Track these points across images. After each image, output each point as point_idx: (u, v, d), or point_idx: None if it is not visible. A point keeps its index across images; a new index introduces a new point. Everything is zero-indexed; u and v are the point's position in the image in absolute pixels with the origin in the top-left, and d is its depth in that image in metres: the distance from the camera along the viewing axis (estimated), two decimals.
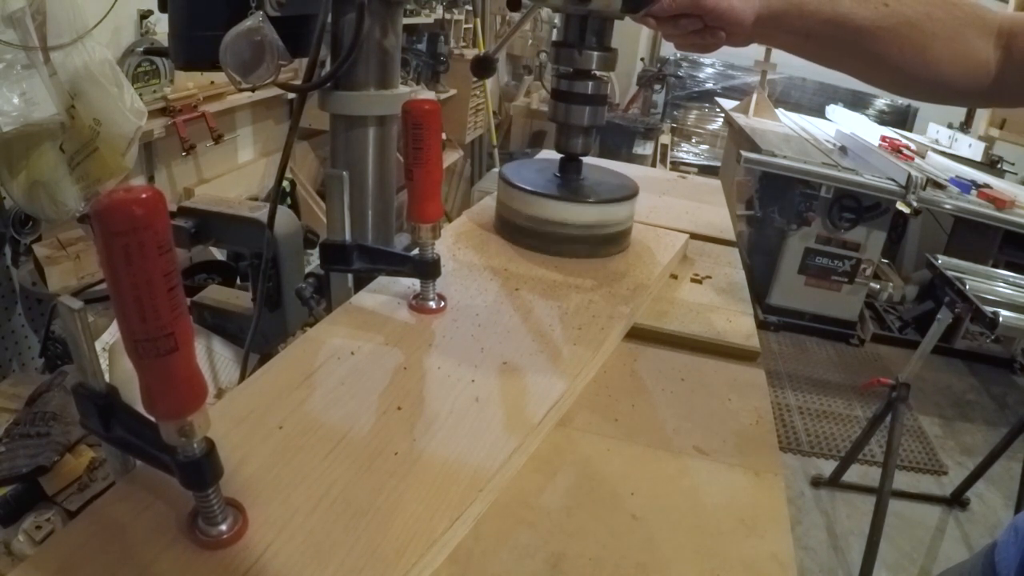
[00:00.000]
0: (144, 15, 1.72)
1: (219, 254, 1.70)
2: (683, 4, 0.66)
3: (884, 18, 0.64)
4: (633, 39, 5.35)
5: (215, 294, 1.09)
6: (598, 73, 0.83)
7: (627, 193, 0.88)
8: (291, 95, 2.31)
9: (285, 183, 2.26)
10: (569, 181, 0.88)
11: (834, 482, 2.33)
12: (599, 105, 0.84)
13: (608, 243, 0.87)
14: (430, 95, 2.97)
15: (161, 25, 1.74)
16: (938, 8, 0.65)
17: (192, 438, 0.36)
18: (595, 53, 0.80)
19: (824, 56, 0.70)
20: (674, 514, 0.49)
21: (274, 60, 0.74)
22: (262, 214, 0.93)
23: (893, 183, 2.85)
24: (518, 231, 0.87)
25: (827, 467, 2.40)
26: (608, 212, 0.85)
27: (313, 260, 0.91)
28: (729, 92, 5.41)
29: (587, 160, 0.90)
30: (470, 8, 3.55)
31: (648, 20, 0.69)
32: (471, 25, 3.60)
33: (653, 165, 4.11)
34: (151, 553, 0.38)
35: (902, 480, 2.35)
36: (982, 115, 3.96)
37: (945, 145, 4.05)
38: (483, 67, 0.89)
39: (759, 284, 3.36)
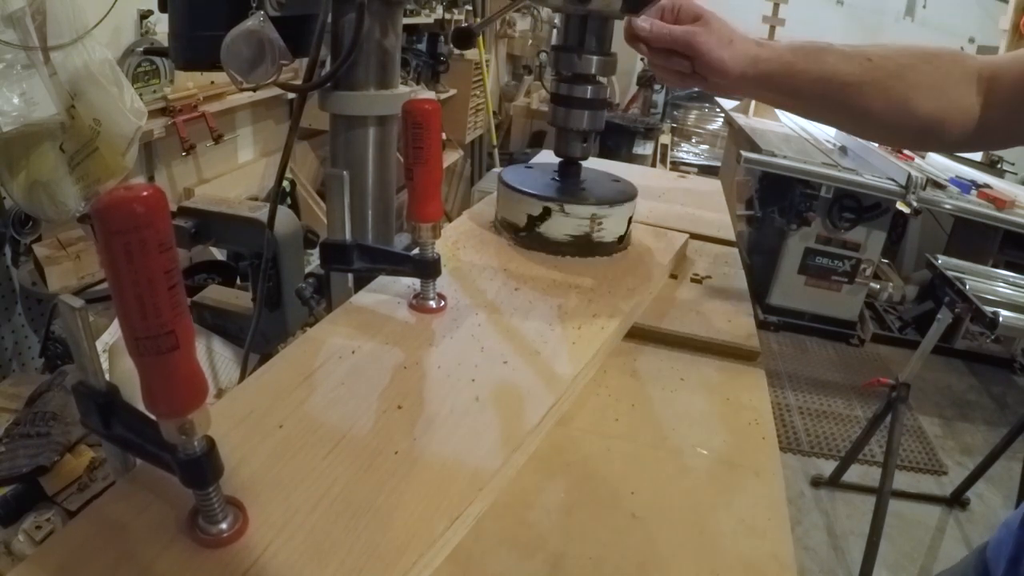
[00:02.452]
0: (144, 15, 1.72)
1: (219, 254, 1.70)
2: (679, 39, 0.67)
3: (868, 72, 0.65)
4: None
5: (215, 294, 1.09)
6: (598, 77, 0.83)
7: (626, 196, 0.88)
8: (291, 95, 2.31)
9: (285, 183, 2.26)
10: (568, 185, 0.88)
11: (834, 482, 2.33)
12: (598, 110, 0.84)
13: (607, 245, 0.87)
14: (430, 95, 2.97)
15: (161, 25, 1.74)
16: (919, 59, 0.65)
17: (193, 436, 0.36)
18: (595, 57, 0.80)
19: (810, 112, 0.71)
20: (674, 514, 0.49)
21: (275, 60, 0.74)
22: (262, 214, 0.93)
23: (893, 183, 2.85)
24: (518, 232, 0.87)
25: (827, 467, 2.40)
26: (607, 215, 0.85)
27: (313, 260, 0.91)
28: None
29: (585, 162, 0.90)
30: (470, 8, 3.55)
31: (640, 46, 0.70)
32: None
33: (653, 165, 4.10)
34: (151, 552, 0.38)
35: (902, 480, 2.36)
36: None
37: None
38: (464, 38, 0.89)
39: (759, 284, 3.36)
